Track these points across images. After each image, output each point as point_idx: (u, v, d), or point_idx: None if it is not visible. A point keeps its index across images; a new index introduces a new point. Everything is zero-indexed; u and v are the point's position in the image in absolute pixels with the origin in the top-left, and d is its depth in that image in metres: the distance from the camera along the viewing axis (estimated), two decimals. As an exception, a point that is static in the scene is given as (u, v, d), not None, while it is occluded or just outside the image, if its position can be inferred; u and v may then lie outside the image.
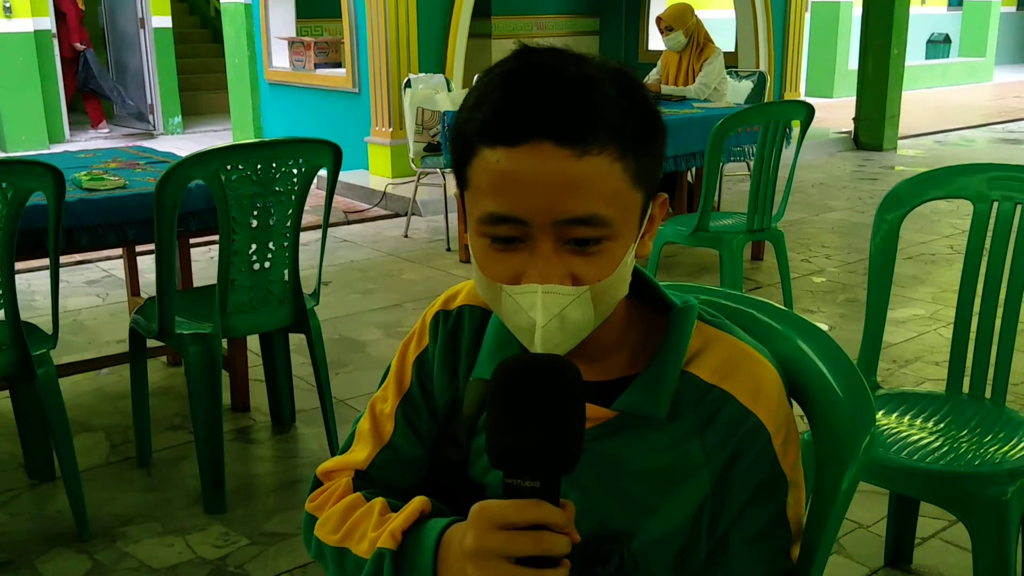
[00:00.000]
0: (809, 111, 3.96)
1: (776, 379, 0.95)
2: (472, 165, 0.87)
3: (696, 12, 5.58)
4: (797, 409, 1.04)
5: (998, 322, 1.98)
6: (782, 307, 1.05)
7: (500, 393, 0.80)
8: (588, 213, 0.84)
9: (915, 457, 1.80)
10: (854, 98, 8.93)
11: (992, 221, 1.99)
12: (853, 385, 0.96)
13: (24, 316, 2.38)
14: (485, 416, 0.97)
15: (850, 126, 8.97)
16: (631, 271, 0.92)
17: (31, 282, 4.49)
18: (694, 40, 5.48)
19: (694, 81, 5.46)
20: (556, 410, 0.78)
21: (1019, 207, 1.95)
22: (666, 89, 5.46)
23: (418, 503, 0.93)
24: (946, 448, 1.83)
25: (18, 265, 2.32)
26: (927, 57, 16.12)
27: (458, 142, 0.89)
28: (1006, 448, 1.82)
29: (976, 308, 2.02)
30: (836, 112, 10.39)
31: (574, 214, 0.84)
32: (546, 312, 0.86)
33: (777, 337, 1.01)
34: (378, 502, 0.99)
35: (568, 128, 0.82)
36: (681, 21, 5.39)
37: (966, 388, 2.05)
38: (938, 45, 16.29)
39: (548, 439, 0.78)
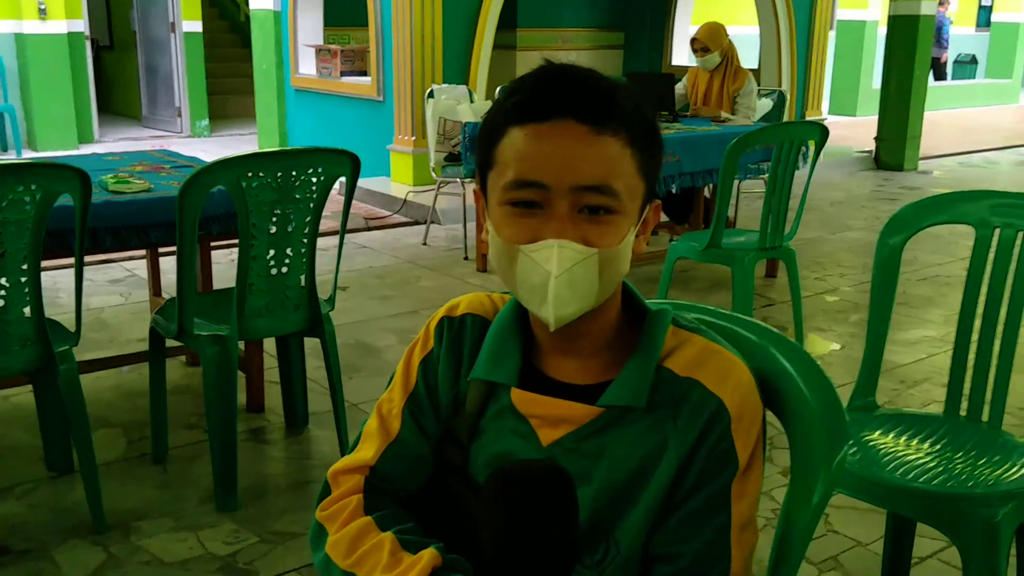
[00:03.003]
0: (823, 132, 3.99)
1: (744, 372, 1.01)
2: (501, 144, 0.98)
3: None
4: (777, 424, 1.08)
5: (997, 346, 2.01)
6: (762, 323, 1.10)
7: (496, 508, 0.87)
8: (602, 181, 0.95)
9: (909, 477, 1.83)
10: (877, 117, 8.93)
11: (993, 248, 2.02)
12: (828, 401, 1.00)
13: (48, 313, 2.46)
14: (483, 418, 1.04)
15: (872, 145, 8.97)
16: (631, 252, 1.01)
17: (56, 279, 4.58)
18: (728, 60, 5.47)
19: (729, 102, 5.47)
20: (550, 527, 0.85)
21: (1021, 234, 1.98)
22: (723, 115, 5.42)
23: (430, 558, 0.98)
24: (941, 469, 1.86)
25: (44, 263, 2.40)
26: (953, 77, 16.04)
27: (488, 129, 1.01)
28: (999, 471, 1.85)
29: (976, 332, 2.05)
30: (859, 131, 10.37)
31: (589, 181, 0.95)
32: (560, 264, 0.95)
33: (756, 351, 1.06)
34: (388, 538, 1.03)
35: (588, 109, 0.95)
36: (716, 41, 5.38)
37: (964, 410, 2.08)
38: (964, 66, 16.21)
39: (545, 558, 0.85)
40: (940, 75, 14.92)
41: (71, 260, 2.47)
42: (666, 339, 1.03)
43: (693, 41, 5.45)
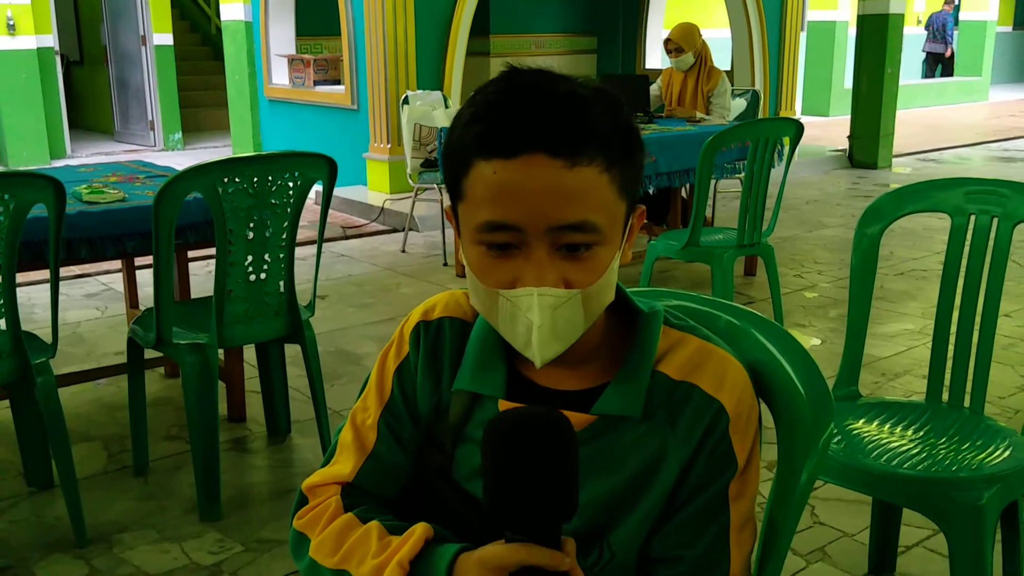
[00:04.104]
0: (798, 128, 4.02)
1: (740, 371, 1.00)
2: (468, 177, 0.92)
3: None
4: (766, 410, 1.08)
5: (976, 333, 2.03)
6: (743, 307, 1.10)
7: (493, 453, 0.83)
8: (580, 220, 0.89)
9: (894, 463, 1.84)
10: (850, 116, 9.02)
11: (969, 234, 2.04)
12: (814, 381, 1.00)
13: (24, 328, 2.42)
14: (468, 426, 1.02)
15: (845, 144, 9.05)
16: (616, 277, 0.97)
17: (31, 295, 4.53)
18: (702, 61, 5.50)
19: (703, 103, 5.49)
20: (547, 469, 0.82)
21: (995, 220, 2.00)
22: (698, 116, 5.44)
23: (422, 531, 0.96)
24: (925, 454, 1.87)
25: (18, 278, 2.36)
26: (923, 76, 16.23)
27: (453, 157, 0.94)
28: (983, 455, 1.86)
29: (955, 319, 2.07)
30: (832, 130, 10.46)
31: (567, 221, 0.89)
32: (542, 313, 0.90)
33: (740, 335, 1.06)
34: (374, 526, 1.01)
35: (560, 141, 0.88)
36: (690, 42, 5.40)
37: (946, 397, 2.10)
38: (934, 64, 16.41)
39: (540, 499, 0.82)
40: (947, 71, 15.34)
41: (45, 274, 2.44)
42: (658, 341, 1.01)
43: (667, 42, 5.47)
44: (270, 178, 2.53)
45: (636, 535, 1.00)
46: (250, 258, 2.60)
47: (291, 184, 2.58)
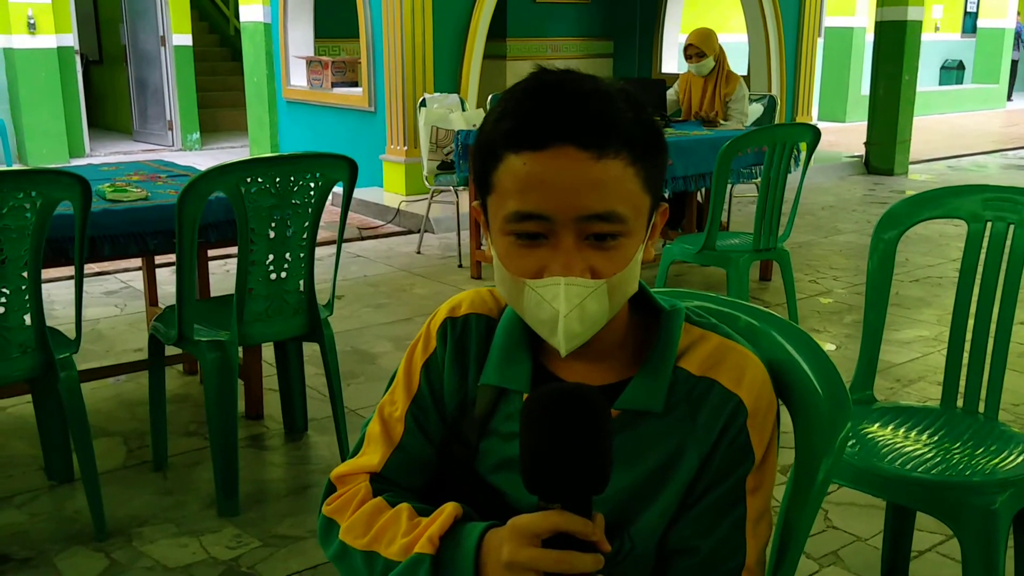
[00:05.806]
0: (815, 133, 4.03)
1: (759, 367, 1.02)
2: (498, 171, 0.95)
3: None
4: (784, 413, 1.10)
5: (991, 339, 2.04)
6: (762, 308, 1.12)
7: (531, 425, 0.86)
8: (606, 209, 0.93)
9: (908, 467, 1.85)
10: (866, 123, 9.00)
11: (986, 241, 2.05)
12: (831, 381, 1.02)
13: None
14: (493, 420, 1.04)
15: (862, 150, 9.03)
16: (639, 269, 1.00)
17: (50, 292, 4.55)
18: (719, 66, 5.52)
19: (721, 107, 5.51)
20: (581, 438, 0.84)
21: (1012, 227, 2.01)
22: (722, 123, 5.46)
23: (452, 509, 0.98)
24: (939, 459, 1.88)
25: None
26: (940, 83, 16.18)
27: (483, 152, 0.97)
28: (996, 460, 1.87)
29: (970, 326, 2.08)
30: (848, 136, 10.45)
31: (594, 210, 0.92)
32: (568, 302, 0.93)
33: (760, 335, 1.08)
34: (404, 507, 1.03)
35: (588, 134, 0.91)
36: (710, 46, 5.42)
37: (961, 403, 2.11)
38: (951, 71, 16.35)
39: (574, 467, 0.84)
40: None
41: (65, 272, 2.48)
42: (680, 338, 1.03)
43: (688, 47, 5.48)
44: (292, 178, 2.56)
45: (656, 527, 1.02)
46: (271, 257, 2.63)
47: (312, 184, 2.61)
